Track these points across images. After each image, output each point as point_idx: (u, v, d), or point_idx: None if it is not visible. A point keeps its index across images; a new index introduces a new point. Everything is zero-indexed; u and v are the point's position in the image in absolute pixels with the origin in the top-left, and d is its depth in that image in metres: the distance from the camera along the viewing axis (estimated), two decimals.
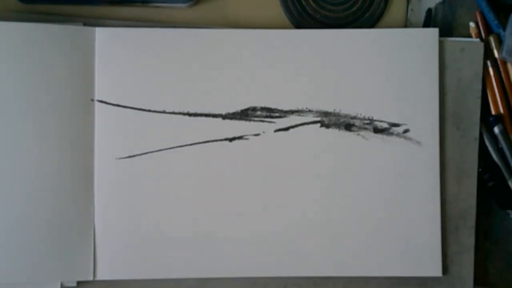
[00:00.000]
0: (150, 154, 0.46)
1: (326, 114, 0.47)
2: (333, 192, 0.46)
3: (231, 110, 0.47)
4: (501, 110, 0.48)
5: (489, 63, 0.48)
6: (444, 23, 0.49)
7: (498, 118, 0.48)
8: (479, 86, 0.47)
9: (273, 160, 0.46)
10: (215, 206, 0.46)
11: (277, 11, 0.48)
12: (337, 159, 0.46)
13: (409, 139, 0.47)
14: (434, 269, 0.46)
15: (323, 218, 0.46)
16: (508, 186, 0.48)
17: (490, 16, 0.48)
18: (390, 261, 0.46)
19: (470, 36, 0.49)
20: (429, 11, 0.49)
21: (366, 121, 0.47)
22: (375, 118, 0.47)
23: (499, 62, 0.48)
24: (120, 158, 0.46)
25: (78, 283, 0.46)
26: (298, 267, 0.46)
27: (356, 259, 0.46)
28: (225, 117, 0.47)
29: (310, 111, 0.47)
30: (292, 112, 0.47)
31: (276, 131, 0.47)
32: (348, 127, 0.47)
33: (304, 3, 0.48)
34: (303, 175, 0.46)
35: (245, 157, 0.46)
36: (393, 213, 0.46)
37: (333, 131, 0.47)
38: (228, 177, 0.46)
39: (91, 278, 0.45)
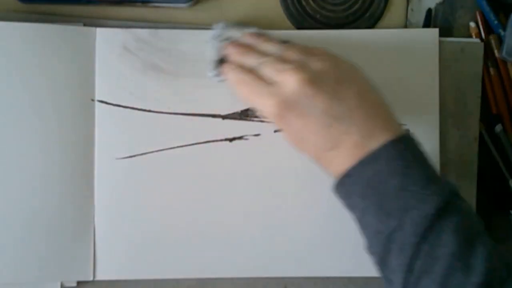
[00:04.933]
0: (150, 154, 0.46)
1: None
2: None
3: (231, 110, 0.46)
4: (501, 110, 0.48)
5: (489, 63, 0.48)
6: (444, 23, 0.49)
7: (498, 118, 0.48)
8: (479, 86, 0.47)
9: (273, 160, 0.46)
10: (215, 206, 0.46)
11: (277, 11, 0.48)
12: None
13: None
14: None
15: (323, 218, 0.46)
16: (508, 186, 0.48)
17: (490, 16, 0.48)
18: None
19: (470, 36, 0.49)
20: (429, 11, 0.49)
21: None
22: None
23: (499, 62, 0.48)
24: (120, 158, 0.46)
25: (78, 283, 0.46)
26: (298, 267, 0.46)
27: (356, 259, 0.46)
28: (225, 117, 0.46)
29: None
30: None
31: (276, 131, 0.46)
32: None
33: (304, 3, 0.48)
34: (303, 175, 0.46)
35: (245, 157, 0.46)
36: None
37: None
38: (228, 177, 0.46)
39: (91, 278, 0.45)
